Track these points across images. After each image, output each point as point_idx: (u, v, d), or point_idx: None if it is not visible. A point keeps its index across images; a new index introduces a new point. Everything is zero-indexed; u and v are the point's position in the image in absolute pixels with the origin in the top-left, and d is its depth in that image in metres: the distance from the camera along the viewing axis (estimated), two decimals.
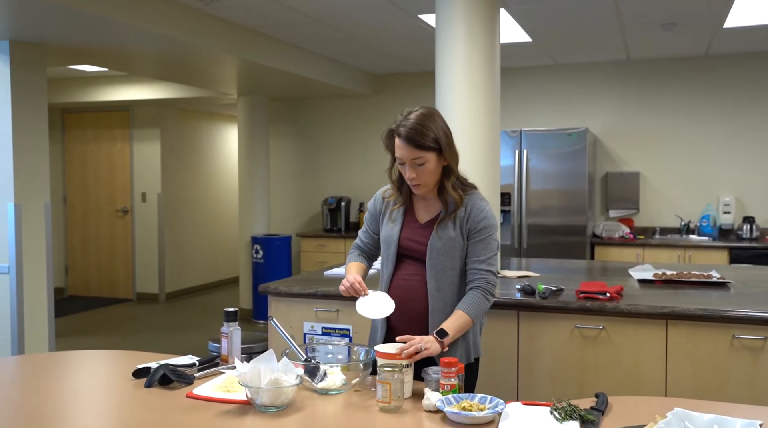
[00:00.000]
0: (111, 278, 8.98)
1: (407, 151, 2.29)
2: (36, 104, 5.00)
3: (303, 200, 8.32)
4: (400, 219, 2.47)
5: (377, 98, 7.91)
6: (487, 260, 2.38)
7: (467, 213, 2.38)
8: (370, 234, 2.61)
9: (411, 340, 2.12)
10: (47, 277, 5.10)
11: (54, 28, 4.54)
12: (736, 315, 2.81)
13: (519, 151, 6.37)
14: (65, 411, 1.93)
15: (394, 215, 2.48)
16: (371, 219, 2.59)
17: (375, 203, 2.58)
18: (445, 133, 2.33)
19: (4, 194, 4.87)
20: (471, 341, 2.44)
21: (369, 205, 2.61)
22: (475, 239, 2.38)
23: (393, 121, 2.38)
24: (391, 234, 2.47)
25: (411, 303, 2.40)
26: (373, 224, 2.59)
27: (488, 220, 2.39)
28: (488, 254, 2.38)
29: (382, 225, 2.53)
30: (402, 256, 2.46)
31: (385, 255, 2.51)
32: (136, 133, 8.81)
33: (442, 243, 2.37)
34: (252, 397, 1.90)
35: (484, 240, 2.38)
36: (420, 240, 2.41)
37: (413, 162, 2.29)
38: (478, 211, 2.38)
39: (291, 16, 5.18)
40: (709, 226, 6.45)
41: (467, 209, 2.38)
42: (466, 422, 1.80)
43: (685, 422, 1.65)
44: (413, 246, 2.42)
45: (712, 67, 6.68)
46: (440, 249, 2.37)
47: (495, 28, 3.99)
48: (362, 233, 2.64)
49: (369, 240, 2.62)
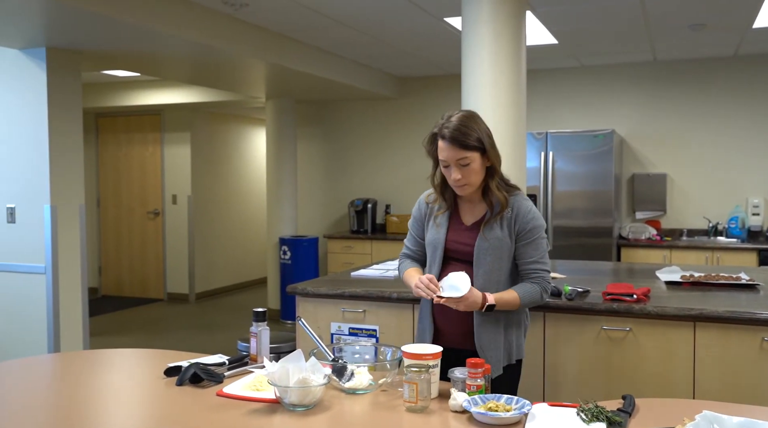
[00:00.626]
0: (142, 278, 9.12)
1: (452, 151, 2.31)
2: (71, 109, 5.12)
3: (330, 202, 8.37)
4: (446, 222, 2.48)
5: (403, 101, 7.93)
6: (541, 259, 2.42)
7: (514, 214, 2.40)
8: (417, 240, 2.62)
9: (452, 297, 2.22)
10: (81, 278, 5.21)
11: (88, 36, 4.64)
12: (766, 317, 2.78)
13: (545, 153, 6.35)
14: (99, 408, 1.98)
15: (439, 220, 2.49)
16: (416, 225, 2.60)
17: (419, 208, 2.58)
18: (487, 134, 2.37)
19: (41, 196, 4.99)
20: (514, 342, 2.45)
21: (413, 211, 2.61)
22: (527, 240, 2.40)
23: (434, 126, 2.39)
24: (437, 237, 2.48)
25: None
26: (418, 229, 2.60)
27: (536, 221, 2.41)
28: (541, 253, 2.42)
29: (428, 229, 2.53)
30: (448, 259, 2.47)
31: (431, 259, 2.51)
32: (167, 137, 8.95)
33: (489, 244, 2.38)
34: (280, 396, 1.93)
35: (535, 240, 2.41)
36: (467, 241, 2.42)
37: (458, 162, 2.32)
38: (525, 212, 2.40)
39: (318, 20, 5.23)
40: (737, 228, 6.37)
41: (513, 210, 2.40)
42: (492, 422, 1.80)
43: (714, 425, 1.63)
44: (460, 248, 2.44)
45: (741, 68, 6.60)
46: (487, 250, 2.38)
47: (521, 30, 4.00)
48: (408, 241, 2.65)
49: (416, 247, 2.63)
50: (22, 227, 5.06)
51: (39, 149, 4.97)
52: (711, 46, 6.13)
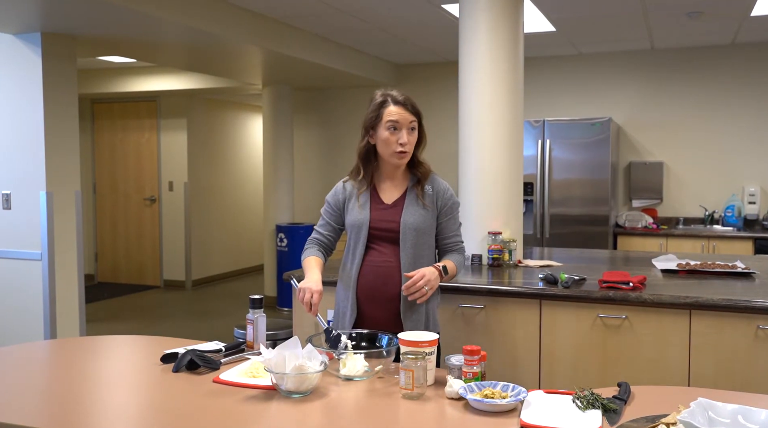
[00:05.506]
0: (139, 265, 9.12)
1: (405, 114, 2.44)
2: (67, 94, 5.09)
3: (326, 189, 8.29)
4: (368, 203, 2.52)
5: (401, 88, 7.86)
6: (459, 232, 2.63)
7: (435, 191, 2.52)
8: (332, 226, 2.63)
9: (413, 281, 2.32)
10: (78, 264, 5.20)
11: (84, 20, 4.61)
12: (761, 305, 2.79)
13: (542, 141, 6.34)
14: (95, 395, 1.99)
15: (362, 199, 2.53)
16: (333, 211, 2.61)
17: (336, 194, 2.61)
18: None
19: (36, 183, 4.97)
20: (431, 316, 2.53)
21: (328, 198, 2.62)
22: (448, 216, 2.57)
23: (377, 96, 2.49)
24: (360, 217, 2.50)
25: (383, 287, 2.47)
26: (334, 215, 2.61)
27: (454, 197, 2.59)
28: (458, 226, 2.62)
29: (348, 212, 2.55)
30: (372, 239, 2.50)
31: (354, 241, 2.53)
32: (164, 123, 8.92)
33: (414, 219, 2.47)
34: (277, 383, 1.94)
35: (454, 216, 2.59)
36: (390, 219, 2.48)
37: (409, 125, 2.44)
38: (445, 189, 2.56)
39: (315, 6, 5.20)
40: (733, 216, 6.38)
41: (434, 188, 2.53)
42: (488, 409, 1.81)
43: (708, 412, 1.64)
44: (384, 226, 2.48)
45: (739, 56, 6.58)
46: (413, 225, 2.47)
47: (519, 18, 3.98)
48: (321, 227, 2.65)
49: (329, 233, 2.64)
50: (17, 213, 5.04)
51: (34, 135, 4.95)
52: (709, 34, 6.11)
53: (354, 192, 2.55)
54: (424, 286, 2.34)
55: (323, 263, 2.60)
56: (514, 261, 3.84)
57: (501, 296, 3.21)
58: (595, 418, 1.74)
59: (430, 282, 2.36)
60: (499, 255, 3.76)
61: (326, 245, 2.66)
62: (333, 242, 2.67)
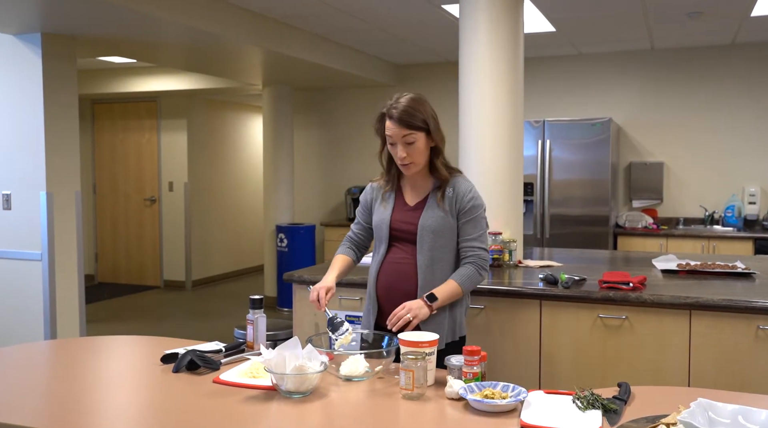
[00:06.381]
0: (139, 266, 9.12)
1: (398, 130, 2.40)
2: (67, 95, 5.09)
3: (327, 190, 8.36)
4: (391, 202, 2.57)
5: (400, 88, 7.81)
6: (479, 237, 2.51)
7: (455, 193, 2.49)
8: (362, 225, 2.71)
9: (397, 312, 2.31)
10: (78, 264, 5.20)
11: (84, 21, 4.61)
12: (762, 305, 2.79)
13: (542, 141, 6.34)
14: (95, 395, 1.99)
15: (386, 197, 2.59)
16: (363, 210, 2.70)
17: (366, 194, 2.70)
18: (432, 116, 2.46)
19: (36, 183, 4.97)
20: (457, 319, 2.52)
21: (361, 198, 2.71)
22: (466, 218, 2.50)
23: (383, 106, 2.48)
24: (382, 217, 2.56)
25: (400, 285, 2.50)
26: (365, 214, 2.69)
27: (475, 200, 2.51)
28: (479, 232, 2.51)
29: (374, 212, 2.62)
30: (394, 239, 2.55)
31: (378, 240, 2.60)
32: (164, 124, 8.92)
33: (432, 222, 2.47)
34: (277, 383, 1.94)
35: (474, 219, 2.50)
36: (410, 220, 2.51)
37: (404, 139, 2.41)
38: (466, 191, 2.50)
39: (315, 6, 5.20)
40: (733, 217, 6.38)
41: (454, 190, 2.50)
42: (488, 410, 1.81)
43: (708, 412, 1.64)
44: (403, 227, 2.52)
45: (739, 56, 6.58)
46: (430, 227, 2.47)
47: (519, 18, 3.98)
48: (354, 225, 2.75)
49: (360, 231, 2.72)
50: (18, 214, 5.04)
51: (35, 135, 4.95)
52: (709, 34, 6.12)
53: (380, 192, 2.62)
54: (406, 314, 2.32)
55: (351, 261, 2.69)
56: (515, 261, 3.84)
57: (501, 296, 3.21)
58: (595, 418, 1.74)
59: (413, 311, 2.33)
60: (500, 256, 3.76)
61: (358, 243, 2.74)
62: (365, 240, 2.74)
